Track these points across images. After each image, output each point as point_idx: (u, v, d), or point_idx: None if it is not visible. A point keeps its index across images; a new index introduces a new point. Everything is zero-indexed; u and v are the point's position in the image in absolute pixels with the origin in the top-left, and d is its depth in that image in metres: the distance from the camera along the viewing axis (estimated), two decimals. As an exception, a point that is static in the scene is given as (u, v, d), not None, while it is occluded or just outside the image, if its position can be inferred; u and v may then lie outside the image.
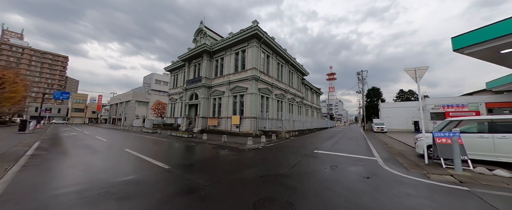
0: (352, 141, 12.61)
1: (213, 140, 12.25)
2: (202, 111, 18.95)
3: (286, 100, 21.96)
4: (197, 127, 18.86)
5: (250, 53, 16.67)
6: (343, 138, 15.24)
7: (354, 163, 5.98)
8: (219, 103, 18.85)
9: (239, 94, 16.90)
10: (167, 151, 8.23)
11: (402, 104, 26.02)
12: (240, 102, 16.95)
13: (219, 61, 19.83)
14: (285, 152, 7.94)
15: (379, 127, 22.49)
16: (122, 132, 19.76)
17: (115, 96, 48.64)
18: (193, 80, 20.86)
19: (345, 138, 14.83)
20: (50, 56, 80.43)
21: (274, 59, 20.14)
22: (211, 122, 18.27)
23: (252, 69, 16.13)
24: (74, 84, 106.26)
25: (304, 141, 12.60)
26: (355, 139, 14.56)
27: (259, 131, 15.51)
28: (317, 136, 16.70)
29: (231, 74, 18.02)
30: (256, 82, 16.22)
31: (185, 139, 13.20)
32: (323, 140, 13.39)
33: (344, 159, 6.54)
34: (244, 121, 15.91)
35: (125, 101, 42.88)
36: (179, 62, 25.14)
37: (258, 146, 9.53)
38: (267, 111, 17.78)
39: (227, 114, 17.51)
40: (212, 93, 19.48)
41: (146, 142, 11.04)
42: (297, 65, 24.95)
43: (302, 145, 10.10)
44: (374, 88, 32.40)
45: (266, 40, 16.94)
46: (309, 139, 14.16)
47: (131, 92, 40.99)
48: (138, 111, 41.39)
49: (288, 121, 15.34)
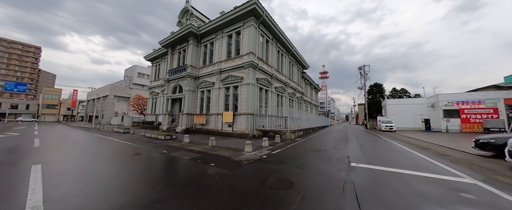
0: (377, 144, 9.95)
1: (197, 143, 9.08)
2: (187, 106, 15.59)
3: (286, 95, 19.10)
4: (181, 126, 15.50)
5: (247, 35, 13.52)
6: (359, 138, 12.63)
7: (451, 194, 3.15)
8: (208, 97, 15.58)
9: (233, 85, 13.75)
10: (106, 170, 4.98)
11: (409, 101, 24.13)
12: (233, 95, 13.81)
13: (208, 46, 16.47)
14: (309, 167, 4.99)
15: (388, 125, 20.31)
16: (85, 132, 15.94)
17: (92, 91, 43.42)
18: (177, 70, 17.36)
19: (362, 139, 12.22)
20: (19, 46, 71.94)
21: (274, 46, 17.12)
22: (198, 120, 14.99)
23: (249, 54, 13.02)
24: (50, 78, 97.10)
25: (316, 143, 9.77)
26: (374, 140, 11.98)
27: (256, 131, 12.51)
28: (326, 136, 14.00)
29: (223, 61, 14.78)
30: (254, 71, 13.15)
31: (160, 142, 9.91)
32: (338, 141, 10.65)
33: (421, 183, 3.71)
34: (238, 118, 12.82)
35: (103, 96, 38.09)
36: (161, 49, 21.41)
37: (260, 154, 6.53)
38: (266, 106, 14.79)
39: (217, 109, 14.32)
40: (199, 85, 16.15)
41: (91, 149, 7.65)
42: (298, 56, 22.12)
43: (321, 151, 7.22)
44: (377, 84, 30.47)
45: (265, 19, 13.85)
46: (320, 140, 11.38)
47: (109, 86, 36.29)
48: (118, 107, 36.85)
49: (293, 119, 12.50)
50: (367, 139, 12.37)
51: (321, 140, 11.77)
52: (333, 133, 18.22)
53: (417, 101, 23.52)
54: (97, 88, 41.67)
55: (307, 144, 9.68)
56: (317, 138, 12.72)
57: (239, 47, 14.16)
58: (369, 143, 10.42)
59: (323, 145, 9.27)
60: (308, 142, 10.59)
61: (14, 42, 70.36)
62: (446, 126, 19.00)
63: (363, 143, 10.34)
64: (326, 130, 23.02)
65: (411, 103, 23.70)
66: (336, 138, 12.70)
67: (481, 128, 18.17)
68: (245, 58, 13.21)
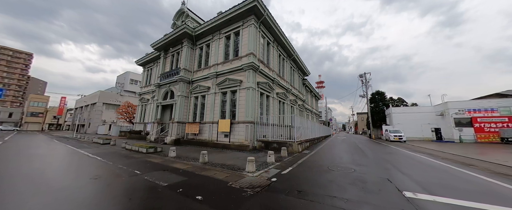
0: (404, 158, 8.36)
1: (185, 159, 7.31)
2: (178, 114, 13.85)
3: (288, 102, 17.64)
4: (170, 136, 13.63)
5: (246, 35, 12.28)
6: (374, 150, 11.04)
7: None
8: (202, 103, 13.93)
9: (230, 90, 12.22)
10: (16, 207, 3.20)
11: (415, 109, 23.03)
12: (231, 101, 12.23)
13: (204, 48, 15.14)
14: (346, 201, 3.33)
15: (396, 135, 18.88)
16: (59, 143, 13.84)
17: (81, 98, 41.11)
18: (169, 74, 15.83)
19: (378, 151, 10.63)
20: (9, 53, 69.65)
21: (275, 49, 15.94)
22: (190, 129, 13.20)
23: (249, 56, 11.67)
24: (41, 86, 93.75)
25: (330, 157, 8.11)
26: (394, 152, 10.40)
27: (257, 142, 10.79)
28: (335, 148, 12.36)
29: (220, 64, 13.36)
30: (254, 74, 11.72)
31: (140, 156, 8.07)
32: (354, 155, 9.02)
33: None
34: (236, 127, 11.14)
35: (91, 104, 35.82)
36: (153, 53, 20.01)
37: (268, 175, 4.85)
38: (268, 114, 13.21)
39: (212, 117, 12.63)
40: (193, 90, 14.55)
41: (38, 166, 5.80)
42: (299, 61, 21.04)
43: (346, 170, 5.57)
44: (379, 92, 29.54)
45: (267, 19, 12.73)
46: (331, 153, 9.72)
47: (98, 93, 34.19)
48: (107, 115, 34.51)
49: (299, 128, 10.88)
50: (385, 151, 10.79)
51: (333, 152, 10.11)
52: (340, 143, 16.60)
53: (424, 110, 22.40)
54: (86, 96, 39.45)
55: (320, 158, 8.01)
56: (327, 150, 11.06)
57: (238, 48, 12.85)
58: (392, 156, 8.83)
59: (340, 159, 7.62)
60: (319, 155, 8.93)
61: (4, 48, 68.17)
62: (460, 136, 17.72)
63: (385, 156, 8.75)
64: (330, 140, 21.40)
65: (418, 111, 22.55)
66: (349, 150, 11.08)
67: (497, 138, 16.95)
68: (245, 60, 11.83)
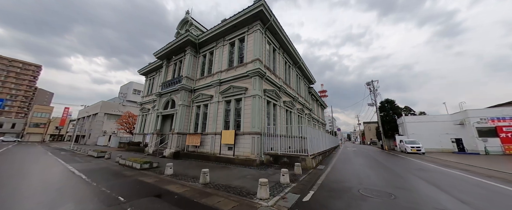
0: (445, 177, 7.10)
1: (183, 177, 6.26)
2: (178, 124, 12.94)
3: (295, 111, 16.63)
4: (170, 148, 12.61)
5: (252, 40, 11.68)
6: (398, 165, 9.74)
7: None
8: (204, 112, 13.05)
9: (235, 98, 11.36)
10: None
11: (430, 118, 21.63)
12: (235, 110, 11.31)
13: (207, 56, 14.59)
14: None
15: (414, 146, 17.40)
16: (51, 156, 12.92)
17: (84, 109, 40.91)
18: (171, 82, 15.20)
19: (406, 167, 9.32)
20: (19, 65, 71.78)
21: (281, 56, 15.30)
22: (191, 140, 12.18)
23: (255, 62, 10.95)
24: (47, 96, 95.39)
25: (354, 175, 6.93)
26: (426, 169, 9.09)
27: (265, 156, 9.66)
28: (351, 162, 11.08)
29: (224, 71, 12.67)
30: (261, 81, 10.90)
31: (132, 174, 7.05)
32: (380, 171, 7.80)
33: None
34: (241, 139, 10.10)
35: (93, 114, 35.41)
36: (156, 62, 19.66)
37: (285, 203, 3.77)
38: (275, 124, 12.19)
39: (214, 128, 11.65)
40: (195, 98, 13.76)
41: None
42: (305, 69, 20.35)
43: (382, 195, 4.42)
44: (389, 100, 28.32)
45: (273, 25, 12.19)
46: (351, 169, 8.50)
47: (100, 103, 33.89)
48: (108, 126, 33.85)
49: (312, 140, 9.74)
50: (411, 166, 9.47)
51: (353, 167, 8.87)
52: (355, 156, 15.23)
53: (440, 119, 20.98)
54: (89, 106, 39.24)
55: (342, 176, 6.84)
56: (344, 165, 9.81)
57: (243, 55, 12.21)
58: (425, 173, 7.57)
59: (367, 178, 6.44)
60: (338, 172, 7.73)
61: (14, 61, 70.38)
62: (485, 147, 16.16)
63: (417, 173, 7.49)
64: (340, 151, 19.94)
65: (433, 120, 21.13)
66: (369, 165, 9.82)
67: (528, 150, 15.35)
68: (250, 66, 11.10)
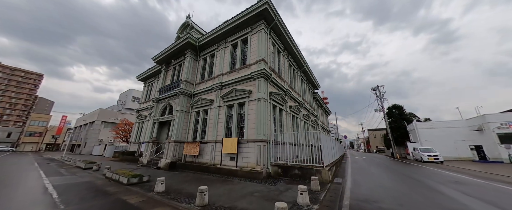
0: (496, 193, 5.89)
1: (176, 196, 5.12)
2: (175, 132, 11.86)
3: (301, 117, 15.56)
4: (165, 158, 11.45)
5: (256, 41, 10.91)
6: (425, 176, 8.49)
7: None
8: (204, 118, 12.01)
9: (237, 102, 10.36)
10: None
11: (444, 124, 20.38)
12: (238, 116, 10.27)
13: (207, 59, 13.82)
14: None
15: (431, 154, 16.07)
16: (33, 167, 11.74)
17: (81, 117, 39.96)
18: (169, 87, 14.32)
19: (436, 178, 8.08)
20: (21, 74, 72.01)
21: (286, 58, 14.52)
22: (189, 150, 11.03)
23: (259, 63, 10.08)
24: (48, 105, 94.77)
25: (387, 193, 5.74)
26: (461, 181, 7.84)
27: (272, 167, 8.48)
28: (372, 173, 9.83)
29: (225, 74, 11.80)
30: (266, 83, 9.97)
31: (116, 190, 5.91)
32: (412, 185, 6.59)
33: None
34: (245, 147, 8.98)
35: (90, 122, 34.38)
36: (155, 67, 18.96)
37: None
38: (281, 131, 11.09)
39: (215, 135, 10.55)
40: (194, 104, 12.79)
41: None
42: (310, 73, 19.54)
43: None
44: (396, 106, 27.21)
45: (278, 24, 11.49)
46: (380, 183, 7.29)
47: (98, 110, 32.97)
48: (105, 135, 32.68)
49: (325, 149, 8.59)
50: (442, 179, 8.21)
51: (376, 182, 7.65)
52: (369, 165, 13.91)
53: (455, 125, 19.76)
54: (86, 114, 38.31)
55: (370, 193, 5.65)
56: (363, 178, 8.58)
57: (246, 57, 11.40)
58: (467, 188, 6.35)
59: (404, 196, 5.27)
60: (362, 187, 6.54)
61: (16, 70, 70.68)
62: (509, 155, 14.83)
63: (457, 187, 6.28)
64: (350, 161, 18.55)
65: (448, 126, 19.89)
66: (394, 177, 8.59)
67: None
68: (254, 68, 10.23)
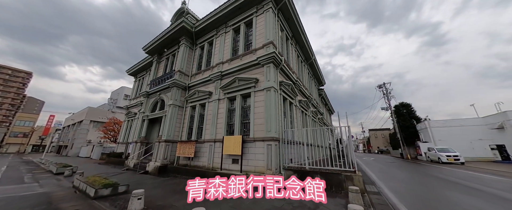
0: None
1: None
2: (167, 129, 10.09)
3: (310, 114, 13.98)
4: (155, 160, 9.67)
5: (262, 22, 9.27)
6: (465, 179, 6.94)
7: None
8: (201, 114, 10.29)
9: (241, 93, 8.68)
10: None
11: (458, 122, 19.06)
12: (242, 110, 8.58)
13: (205, 47, 12.11)
14: None
15: (451, 155, 14.68)
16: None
17: (69, 116, 37.57)
18: (161, 79, 12.55)
19: (484, 183, 6.54)
20: (8, 72, 68.60)
21: (294, 48, 12.93)
22: (183, 150, 9.27)
23: (268, 46, 8.45)
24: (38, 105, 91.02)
25: (454, 207, 4.14)
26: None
27: (285, 172, 6.82)
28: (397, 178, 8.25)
29: (226, 62, 10.11)
30: (275, 70, 8.32)
31: (76, 207, 4.11)
32: (465, 193, 5.03)
33: None
34: (252, 147, 7.31)
35: (78, 122, 32.11)
36: (147, 59, 17.13)
37: None
38: (292, 127, 9.45)
39: (214, 133, 8.83)
40: (189, 97, 11.05)
41: None
42: (316, 67, 18.00)
43: None
44: (404, 104, 25.93)
45: (287, 5, 9.88)
46: (422, 191, 5.71)
47: (86, 109, 30.75)
48: (94, 135, 30.45)
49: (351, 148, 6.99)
50: (496, 185, 6.67)
51: (418, 189, 6.07)
52: (388, 168, 12.38)
53: (470, 123, 18.49)
54: (75, 113, 35.97)
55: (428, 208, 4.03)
56: (397, 184, 6.99)
57: (250, 41, 9.75)
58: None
59: None
60: (408, 198, 4.94)
61: (2, 67, 67.34)
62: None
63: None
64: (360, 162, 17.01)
65: (462, 125, 18.62)
66: (434, 184, 7.02)
67: None
68: (261, 52, 8.58)
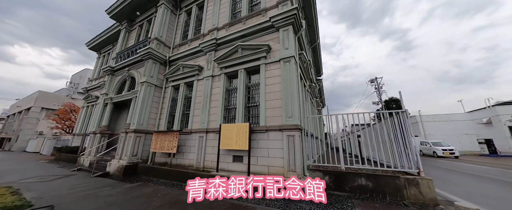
0: None
1: None
2: (138, 116, 7.34)
3: (314, 102, 12.34)
4: (120, 158, 6.96)
5: (274, -25, 6.90)
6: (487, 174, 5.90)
7: None
8: (187, 96, 7.74)
9: (245, 67, 6.37)
10: None
11: (447, 117, 19.57)
12: (246, 89, 6.31)
13: (193, 12, 9.30)
14: None
15: (446, 149, 14.57)
16: None
17: (15, 103, 30.66)
18: (130, 50, 9.44)
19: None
20: None
21: (302, 23, 10.83)
22: (161, 144, 6.71)
23: (284, 4, 6.20)
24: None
25: None
26: None
27: (310, 173, 4.89)
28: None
29: (223, 28, 7.58)
30: (294, 36, 6.15)
31: None
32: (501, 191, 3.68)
33: None
34: (261, 139, 5.20)
35: (25, 109, 26.10)
36: (113, 27, 13.45)
37: None
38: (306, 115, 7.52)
39: (205, 121, 6.45)
40: (171, 74, 8.32)
41: None
42: (318, 52, 16.26)
43: None
44: (393, 99, 26.29)
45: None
46: (477, 191, 4.26)
47: (36, 93, 24.95)
48: (46, 125, 25.03)
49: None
50: None
51: (477, 192, 4.66)
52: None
53: (456, 118, 19.05)
54: (22, 99, 29.34)
55: None
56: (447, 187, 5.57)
57: (255, 2, 7.38)
58: None
59: None
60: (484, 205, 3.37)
61: None
62: (521, 148, 14.18)
63: None
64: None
65: (451, 119, 19.10)
66: (469, 179, 5.78)
67: None
68: (274, 12, 6.30)
